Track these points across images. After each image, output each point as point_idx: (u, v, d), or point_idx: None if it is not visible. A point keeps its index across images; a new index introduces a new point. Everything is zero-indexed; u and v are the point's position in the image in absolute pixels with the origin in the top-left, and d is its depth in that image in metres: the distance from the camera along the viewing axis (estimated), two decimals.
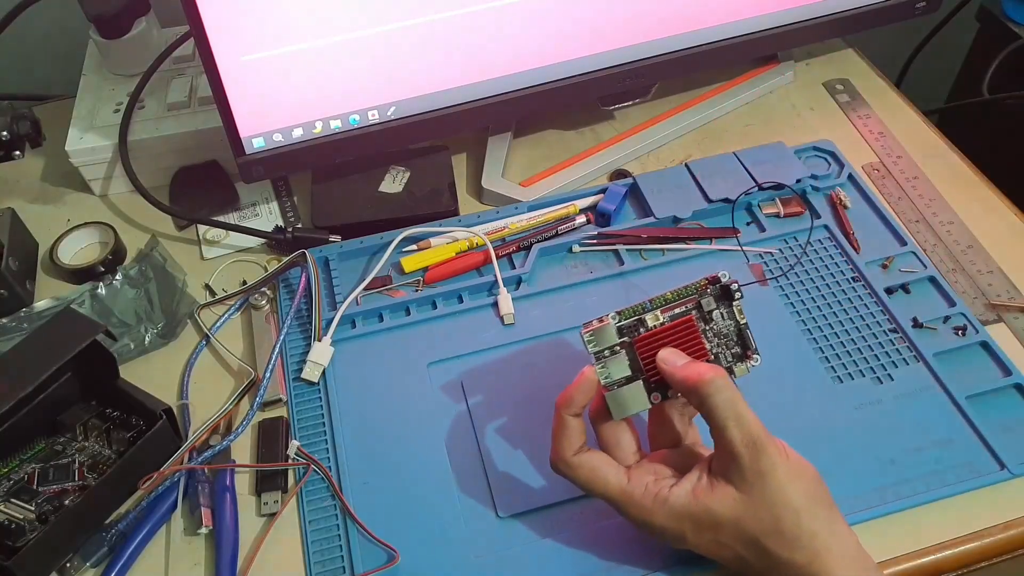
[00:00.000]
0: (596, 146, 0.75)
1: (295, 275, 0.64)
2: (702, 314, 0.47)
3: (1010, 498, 0.51)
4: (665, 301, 0.46)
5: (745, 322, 0.47)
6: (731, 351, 0.47)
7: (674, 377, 0.45)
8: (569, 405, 0.46)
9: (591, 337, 0.46)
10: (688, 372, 0.44)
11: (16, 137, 0.65)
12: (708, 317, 0.47)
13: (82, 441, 0.55)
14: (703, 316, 0.47)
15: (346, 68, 0.61)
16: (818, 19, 0.73)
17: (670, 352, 0.45)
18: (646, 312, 0.46)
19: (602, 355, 0.46)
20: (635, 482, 0.45)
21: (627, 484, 0.45)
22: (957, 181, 0.70)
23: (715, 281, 0.46)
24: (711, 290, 0.47)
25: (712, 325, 0.47)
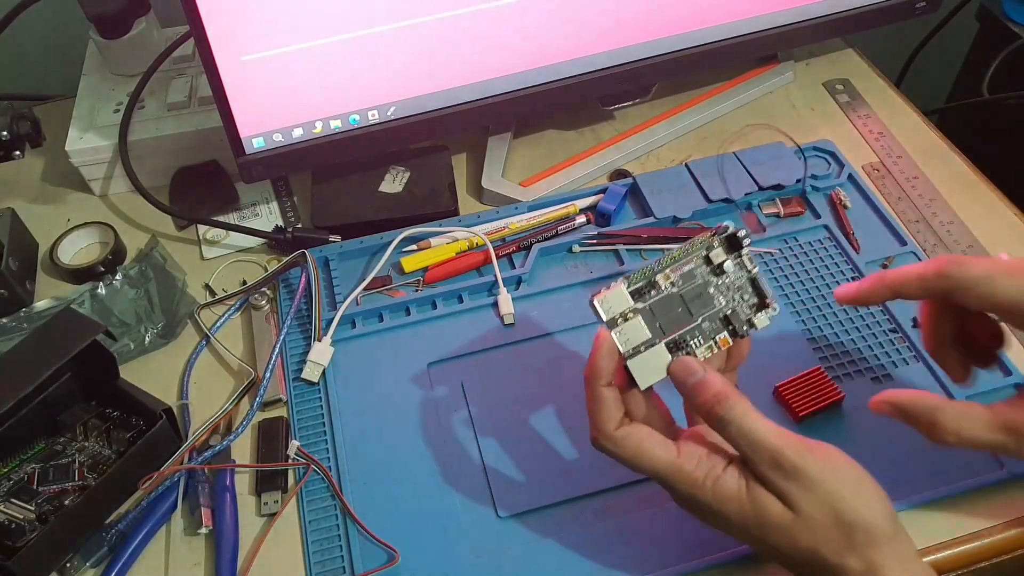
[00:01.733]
0: (596, 146, 0.75)
1: (295, 275, 0.64)
2: (712, 268, 0.45)
3: (1010, 498, 0.51)
4: (673, 260, 0.44)
5: (757, 271, 0.45)
6: (748, 303, 0.45)
7: (687, 399, 0.43)
8: (597, 375, 0.43)
9: (603, 303, 0.43)
10: (695, 401, 0.42)
11: (16, 137, 0.65)
12: (719, 270, 0.45)
13: (82, 441, 0.55)
14: (714, 270, 0.45)
15: (346, 68, 0.61)
16: (818, 19, 0.73)
17: (680, 366, 0.43)
18: (656, 274, 0.44)
19: (616, 322, 0.43)
20: (685, 455, 0.42)
21: (677, 457, 0.42)
22: (957, 181, 0.70)
23: (721, 231, 0.45)
24: (718, 241, 0.45)
25: (724, 279, 0.45)
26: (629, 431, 0.43)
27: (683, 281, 0.45)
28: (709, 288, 0.45)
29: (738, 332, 0.45)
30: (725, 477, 0.42)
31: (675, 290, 0.44)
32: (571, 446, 0.54)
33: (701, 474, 0.42)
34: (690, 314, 0.45)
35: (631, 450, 0.43)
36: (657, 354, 0.44)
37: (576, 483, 0.52)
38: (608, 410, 0.43)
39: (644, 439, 0.43)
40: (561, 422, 0.55)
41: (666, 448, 0.43)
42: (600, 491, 0.52)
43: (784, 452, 0.40)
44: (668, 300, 0.44)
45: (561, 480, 0.53)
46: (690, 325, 0.45)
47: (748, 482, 0.41)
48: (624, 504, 0.52)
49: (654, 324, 0.44)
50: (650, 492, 0.52)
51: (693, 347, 0.45)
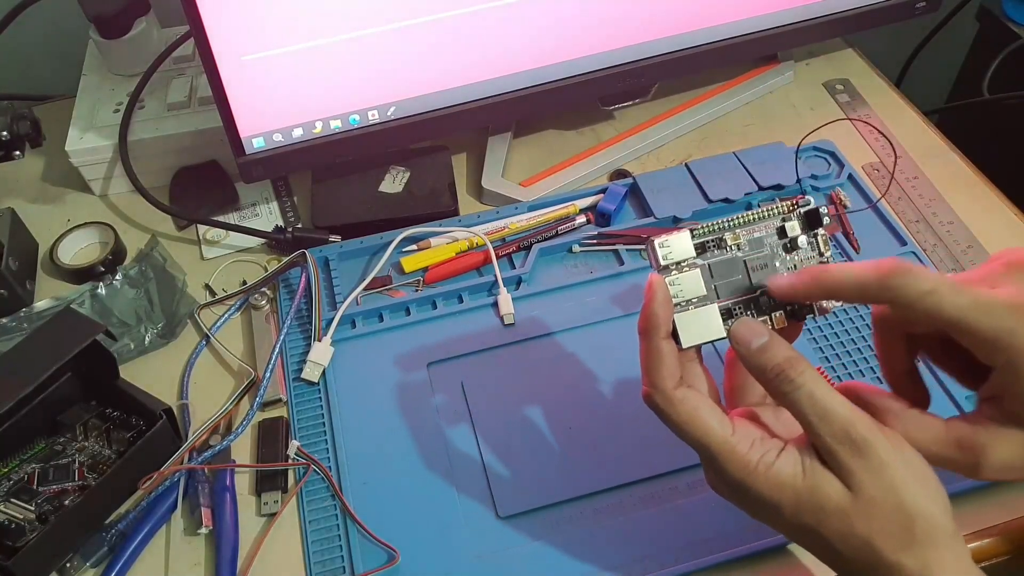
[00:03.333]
0: (596, 146, 0.75)
1: (295, 275, 0.64)
2: (783, 241, 0.42)
3: (1010, 498, 0.51)
4: (745, 222, 0.41)
5: (831, 254, 0.42)
6: None
7: (746, 362, 0.40)
8: (653, 326, 0.39)
9: (662, 246, 0.40)
10: (759, 362, 0.39)
11: (16, 137, 0.65)
12: (790, 245, 0.42)
13: (82, 441, 0.54)
14: (784, 244, 0.42)
15: (346, 68, 0.61)
16: (818, 19, 0.73)
17: (743, 328, 0.40)
18: (725, 232, 0.41)
19: (670, 270, 0.40)
20: (740, 435, 0.39)
21: (732, 435, 0.39)
22: (957, 181, 0.70)
23: (803, 203, 0.42)
24: (797, 215, 0.42)
25: (795, 255, 0.42)
26: (688, 393, 0.40)
27: (750, 247, 0.42)
28: (776, 261, 0.42)
29: (796, 314, 0.42)
30: (780, 462, 0.38)
31: (740, 254, 0.42)
32: (571, 446, 0.54)
33: (755, 457, 0.39)
34: (750, 283, 0.41)
35: (685, 415, 0.39)
36: (708, 314, 0.41)
37: (576, 483, 0.52)
38: (668, 366, 0.39)
39: (701, 407, 0.39)
40: (561, 422, 0.55)
41: (723, 423, 0.39)
42: (600, 491, 0.52)
43: (856, 425, 0.37)
44: (730, 263, 0.41)
45: (561, 480, 0.53)
46: (748, 295, 0.41)
47: (806, 465, 0.38)
48: (624, 504, 0.52)
49: (710, 284, 0.41)
50: (650, 492, 0.52)
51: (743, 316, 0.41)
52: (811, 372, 0.38)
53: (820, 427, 0.37)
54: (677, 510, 0.51)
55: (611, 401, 0.56)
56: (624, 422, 0.55)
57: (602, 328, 0.60)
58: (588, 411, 0.56)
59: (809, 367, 0.38)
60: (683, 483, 0.52)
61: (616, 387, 0.57)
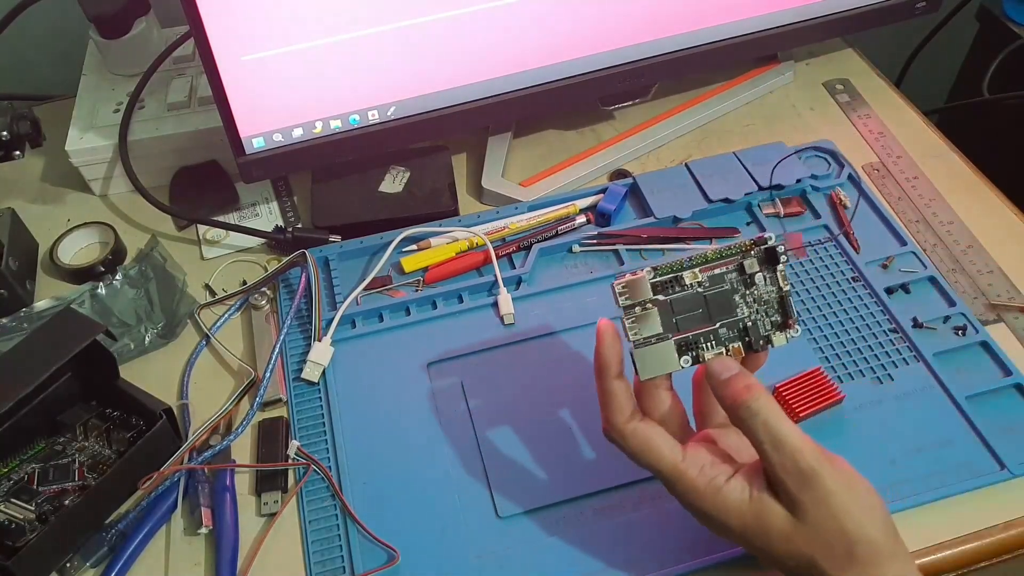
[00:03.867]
0: (596, 146, 0.75)
1: (295, 275, 0.64)
2: (743, 277, 0.44)
3: (1010, 498, 0.51)
4: (705, 260, 0.44)
5: (788, 289, 0.44)
6: (770, 319, 0.44)
7: (716, 393, 0.43)
8: (605, 367, 0.44)
9: (624, 289, 0.43)
10: (725, 392, 0.42)
11: (16, 137, 0.65)
12: (750, 281, 0.44)
13: (82, 441, 0.54)
14: (744, 280, 0.44)
15: (346, 68, 0.61)
16: (818, 19, 0.73)
17: (717, 364, 0.43)
18: (684, 270, 0.43)
19: (632, 310, 0.43)
20: (690, 461, 0.43)
21: (681, 462, 0.43)
22: (957, 181, 0.70)
23: (761, 242, 0.44)
24: (755, 252, 0.44)
25: (752, 290, 0.44)
26: (637, 427, 0.43)
27: (710, 283, 0.44)
28: (735, 296, 0.44)
29: (752, 345, 0.44)
30: (728, 488, 0.42)
31: (700, 291, 0.44)
32: (571, 446, 0.54)
33: (703, 482, 0.42)
34: (709, 317, 0.44)
35: (636, 446, 0.43)
36: (665, 349, 0.43)
37: (576, 483, 0.52)
38: (617, 404, 0.44)
39: (652, 437, 0.43)
40: (561, 422, 0.55)
41: (672, 450, 0.43)
42: (600, 491, 0.52)
43: (804, 454, 0.40)
44: (690, 299, 0.44)
45: (561, 480, 0.53)
46: (706, 328, 0.44)
47: (752, 492, 0.42)
48: (624, 504, 0.52)
49: (671, 319, 0.44)
50: (650, 492, 0.52)
51: (704, 349, 0.44)
52: (767, 401, 0.41)
53: (771, 455, 0.41)
54: (677, 510, 0.50)
55: None
56: None
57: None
58: (588, 411, 0.56)
59: (767, 397, 0.42)
60: None
61: None
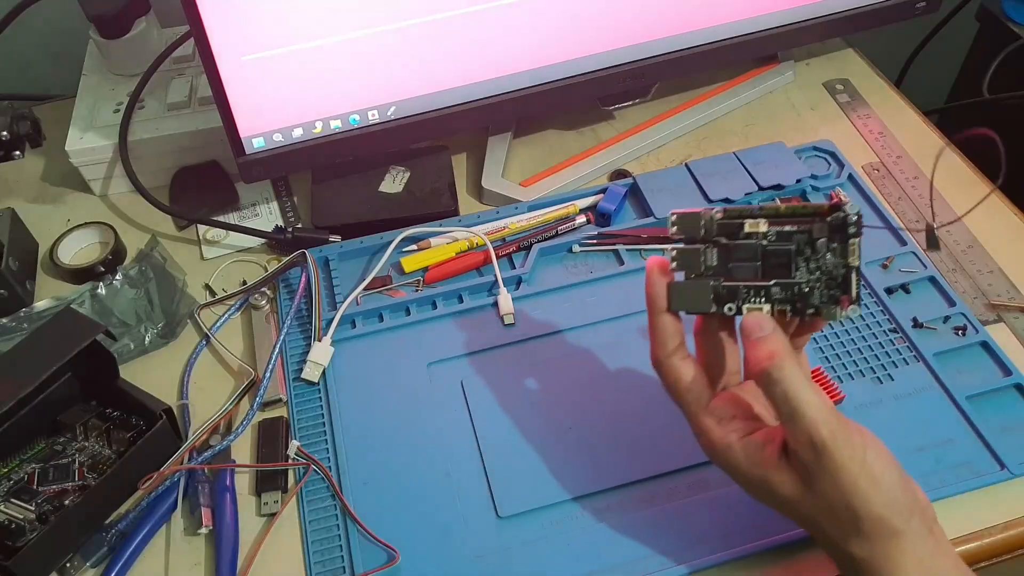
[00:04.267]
0: (596, 146, 0.75)
1: (295, 275, 0.64)
2: (810, 240, 0.41)
3: (1010, 498, 0.51)
4: (776, 213, 0.41)
5: (857, 265, 0.40)
6: (829, 291, 0.41)
7: (745, 351, 0.41)
8: (651, 302, 0.44)
9: (677, 220, 0.42)
10: (750, 354, 0.40)
11: (16, 137, 0.65)
12: (815, 247, 0.41)
13: (82, 441, 0.54)
14: (811, 244, 0.41)
15: (346, 68, 0.61)
16: (818, 19, 0.73)
17: (751, 320, 0.41)
18: (750, 217, 0.41)
19: (679, 243, 0.42)
20: (713, 410, 0.44)
21: (703, 408, 0.44)
22: (957, 181, 0.70)
23: (836, 208, 0.40)
24: (830, 218, 0.40)
25: (819, 257, 0.41)
26: (673, 363, 0.44)
27: (776, 239, 0.41)
28: (798, 258, 0.41)
29: (798, 312, 0.41)
30: (739, 446, 0.43)
31: (764, 243, 0.41)
32: (571, 446, 0.54)
33: (717, 435, 0.43)
34: (763, 272, 0.42)
35: (669, 382, 0.44)
36: (700, 287, 0.42)
37: (576, 483, 0.52)
38: (660, 336, 0.44)
39: (683, 378, 0.44)
40: (561, 422, 0.55)
41: (699, 396, 0.44)
42: (600, 491, 0.52)
43: (819, 427, 0.39)
44: (749, 249, 0.42)
45: (561, 480, 0.52)
46: (757, 282, 0.42)
47: (764, 453, 0.42)
48: (624, 504, 0.52)
49: (724, 262, 0.42)
50: (650, 492, 0.52)
51: (743, 300, 0.42)
52: (793, 371, 0.40)
53: (787, 424, 0.40)
54: (677, 510, 0.51)
55: (611, 401, 0.56)
56: (624, 422, 0.55)
57: (602, 328, 0.60)
58: (588, 411, 0.56)
59: (794, 367, 0.40)
60: (683, 483, 0.52)
61: (616, 387, 0.57)
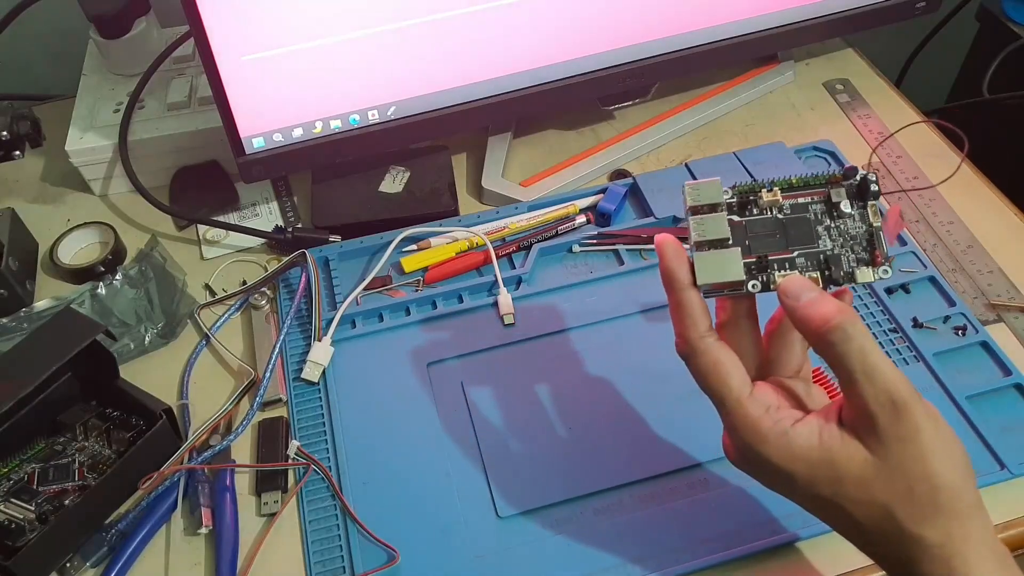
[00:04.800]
0: (596, 146, 0.75)
1: (295, 275, 0.64)
2: (829, 207, 0.40)
3: (1010, 498, 0.51)
4: (789, 186, 0.40)
5: (879, 226, 0.40)
6: (856, 255, 0.40)
7: (795, 314, 0.38)
8: (673, 278, 0.39)
9: (693, 188, 0.40)
10: (811, 312, 0.37)
11: (16, 137, 0.65)
12: (836, 212, 0.40)
13: (82, 441, 0.54)
14: (829, 211, 0.40)
15: (346, 68, 0.61)
16: (818, 19, 0.73)
17: (794, 281, 0.38)
18: (763, 189, 0.40)
19: (700, 210, 0.40)
20: (757, 398, 0.39)
21: (748, 396, 0.38)
22: (957, 181, 0.70)
23: (852, 174, 0.40)
24: (846, 185, 0.40)
25: (839, 223, 0.40)
26: (712, 344, 0.39)
27: (792, 211, 0.40)
28: (818, 227, 0.40)
29: (833, 278, 0.40)
30: (794, 431, 0.38)
31: (780, 216, 0.40)
32: (571, 446, 0.54)
33: (768, 423, 0.38)
34: (787, 244, 0.40)
35: (706, 366, 0.39)
36: (729, 256, 0.39)
37: (576, 483, 0.52)
38: (691, 315, 0.39)
39: (723, 361, 0.39)
40: (561, 422, 0.55)
41: (743, 381, 0.39)
42: (600, 491, 0.52)
43: (900, 386, 0.36)
44: (767, 223, 0.40)
45: (561, 480, 0.52)
46: (782, 254, 0.40)
47: (824, 435, 0.37)
48: (624, 504, 0.52)
49: (741, 237, 0.40)
50: (650, 492, 0.52)
51: (776, 275, 0.40)
52: (863, 329, 0.37)
53: (864, 384, 0.36)
54: (677, 510, 0.51)
55: (611, 401, 0.56)
56: (624, 422, 0.55)
57: (602, 328, 0.60)
58: (588, 411, 0.56)
59: (862, 324, 0.37)
60: (683, 483, 0.52)
61: (616, 387, 0.57)
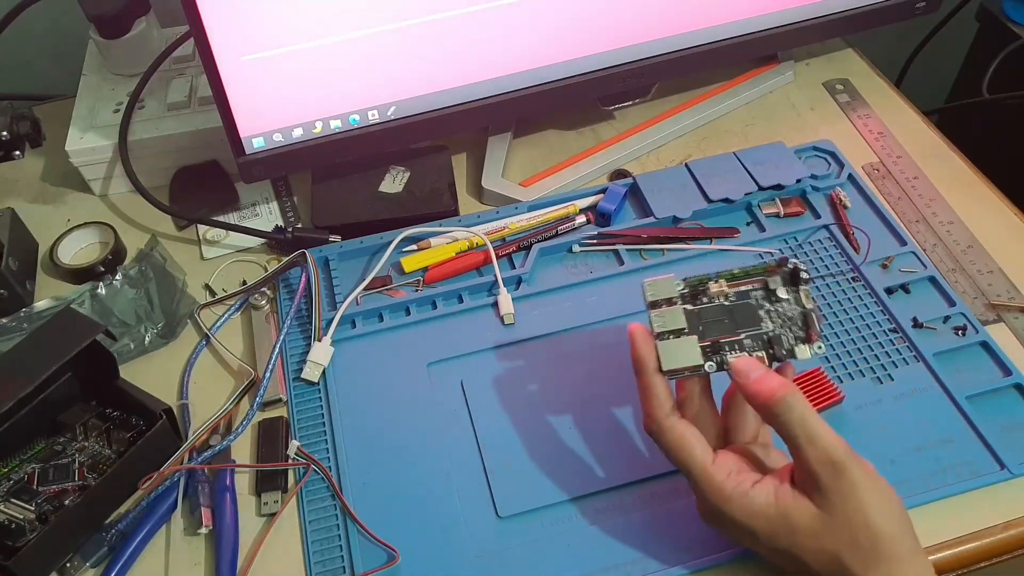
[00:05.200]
0: (596, 146, 0.75)
1: (295, 275, 0.64)
2: (768, 293, 0.46)
3: (1010, 498, 0.51)
4: (732, 276, 0.47)
5: (812, 307, 0.46)
6: (794, 334, 0.46)
7: (745, 390, 0.44)
8: (643, 363, 0.45)
9: (652, 286, 0.46)
10: (759, 388, 0.43)
11: (16, 137, 0.65)
12: (774, 297, 0.46)
13: (82, 441, 0.54)
14: (768, 297, 0.46)
15: (346, 68, 0.61)
16: (818, 19, 0.73)
17: (744, 362, 0.44)
18: (710, 281, 0.47)
19: (658, 304, 0.46)
20: (720, 465, 0.44)
21: (711, 464, 0.44)
22: (957, 181, 0.70)
23: (784, 263, 0.46)
24: (780, 273, 0.46)
25: (777, 306, 0.46)
26: (676, 423, 0.45)
27: (736, 298, 0.46)
28: (760, 311, 0.46)
29: (776, 356, 0.45)
30: (754, 491, 0.43)
31: (726, 303, 0.46)
32: (571, 446, 0.54)
33: (731, 486, 0.43)
34: (735, 327, 0.46)
35: (674, 441, 0.45)
36: (688, 344, 0.45)
37: (576, 483, 0.52)
38: (657, 397, 0.45)
39: (687, 435, 0.45)
40: (561, 422, 0.55)
41: (705, 451, 0.44)
42: (600, 491, 0.52)
43: (837, 448, 0.41)
44: (716, 309, 0.46)
45: (561, 480, 0.53)
46: (731, 337, 0.46)
47: (779, 493, 0.43)
48: (624, 504, 0.52)
49: (696, 324, 0.46)
50: (650, 492, 0.52)
51: (727, 355, 0.45)
52: (802, 398, 0.43)
53: (806, 448, 0.42)
54: (677, 510, 0.51)
55: (611, 401, 0.56)
56: (624, 422, 0.55)
57: (602, 328, 0.60)
58: (588, 411, 0.56)
59: (801, 395, 0.43)
60: (683, 483, 0.51)
61: (616, 387, 0.57)
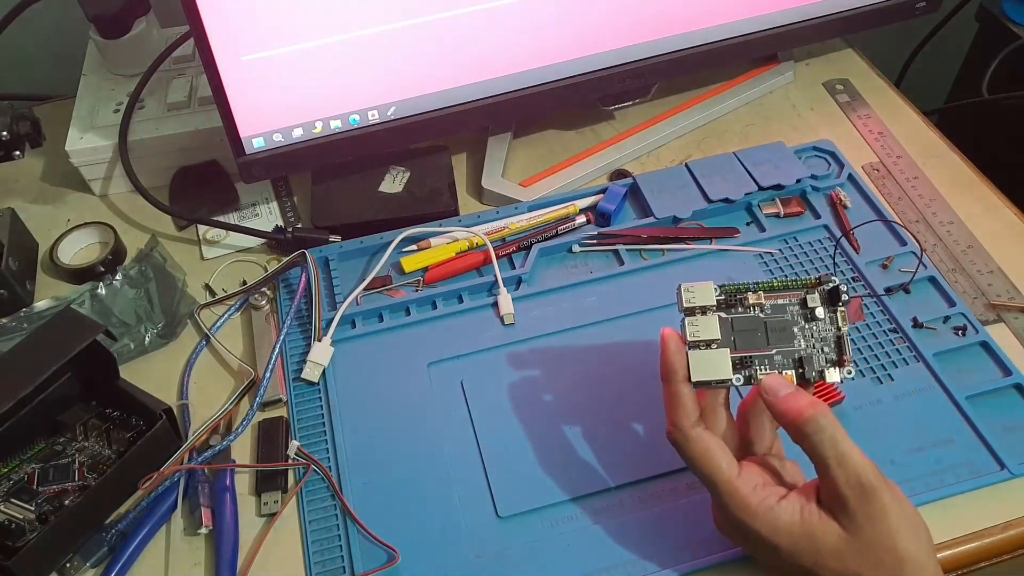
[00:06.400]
0: (596, 146, 0.74)
1: (295, 275, 0.64)
2: (804, 311, 0.46)
3: (1010, 498, 0.51)
4: (771, 288, 0.46)
5: (846, 331, 0.46)
6: (826, 356, 0.46)
7: (775, 408, 0.43)
8: (671, 372, 0.45)
9: (689, 292, 0.46)
10: (788, 406, 0.43)
11: (16, 137, 0.65)
12: (811, 315, 0.46)
13: (82, 441, 0.55)
14: (805, 314, 0.46)
15: (346, 68, 0.61)
16: (818, 19, 0.73)
17: (774, 379, 0.44)
18: (748, 292, 0.46)
19: (694, 311, 0.45)
20: (745, 478, 0.43)
21: (736, 477, 0.43)
22: (957, 181, 0.70)
23: (826, 281, 0.46)
24: (820, 290, 0.46)
25: (812, 325, 0.46)
26: (702, 433, 0.44)
27: (772, 311, 0.46)
28: (794, 327, 0.46)
29: (806, 376, 0.45)
30: (779, 507, 0.42)
31: (761, 315, 0.46)
32: (571, 446, 0.54)
33: (755, 500, 0.43)
34: (767, 342, 0.45)
35: (698, 452, 0.44)
36: (720, 356, 0.45)
37: (576, 483, 0.52)
38: (684, 406, 0.44)
39: (713, 447, 0.44)
40: (561, 422, 0.55)
41: (730, 464, 0.44)
42: (600, 491, 0.52)
43: (867, 471, 0.41)
44: (751, 321, 0.46)
45: (561, 480, 0.53)
46: (762, 351, 0.45)
47: (805, 511, 0.42)
48: (624, 504, 0.52)
49: (729, 336, 0.45)
50: (650, 492, 0.52)
51: (757, 370, 0.45)
52: (833, 419, 0.42)
53: (836, 470, 0.41)
54: (677, 510, 0.51)
55: (611, 401, 0.56)
56: (624, 422, 0.55)
57: (602, 328, 0.60)
58: (588, 411, 0.56)
59: (832, 415, 0.42)
60: (683, 483, 0.52)
61: (616, 387, 0.57)
